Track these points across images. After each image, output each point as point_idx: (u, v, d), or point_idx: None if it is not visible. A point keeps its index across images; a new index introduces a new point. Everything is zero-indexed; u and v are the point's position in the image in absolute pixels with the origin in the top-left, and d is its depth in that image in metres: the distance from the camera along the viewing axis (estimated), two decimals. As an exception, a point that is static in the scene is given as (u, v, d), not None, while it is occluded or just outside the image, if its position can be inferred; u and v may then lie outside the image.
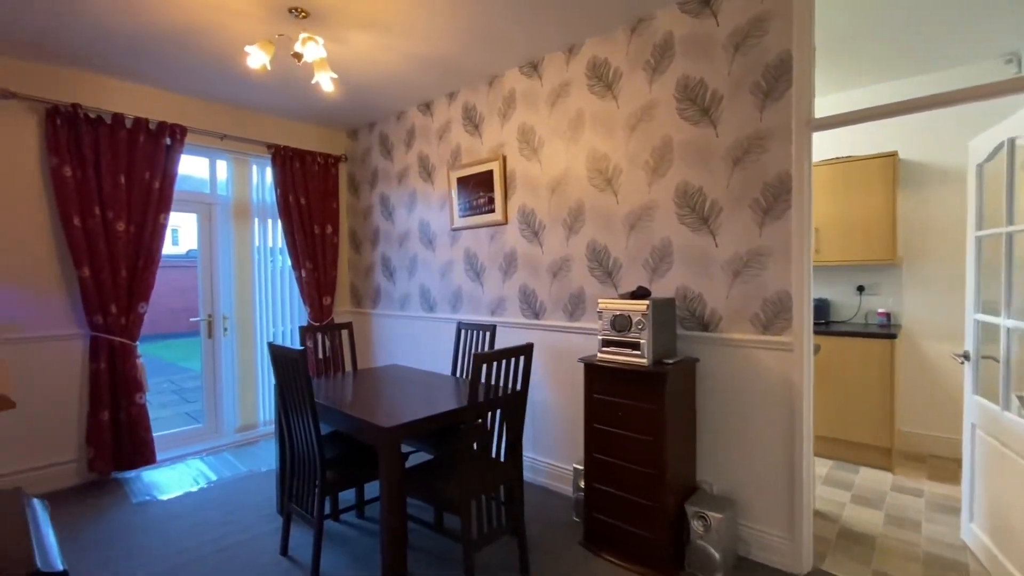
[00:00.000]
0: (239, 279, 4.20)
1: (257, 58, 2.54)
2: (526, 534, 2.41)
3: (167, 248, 3.47)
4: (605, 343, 2.43)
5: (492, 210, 3.48)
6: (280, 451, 2.72)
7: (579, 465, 2.74)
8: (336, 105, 4.02)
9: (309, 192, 4.36)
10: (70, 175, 3.16)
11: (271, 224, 4.37)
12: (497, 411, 2.22)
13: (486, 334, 3.08)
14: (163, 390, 7.13)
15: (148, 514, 2.91)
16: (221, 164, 4.11)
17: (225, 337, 4.14)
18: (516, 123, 3.32)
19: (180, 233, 16.56)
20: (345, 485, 2.32)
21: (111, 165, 3.31)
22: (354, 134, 4.71)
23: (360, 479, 2.37)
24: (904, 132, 3.74)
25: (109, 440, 3.30)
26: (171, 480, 3.40)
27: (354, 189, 4.78)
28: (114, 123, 3.33)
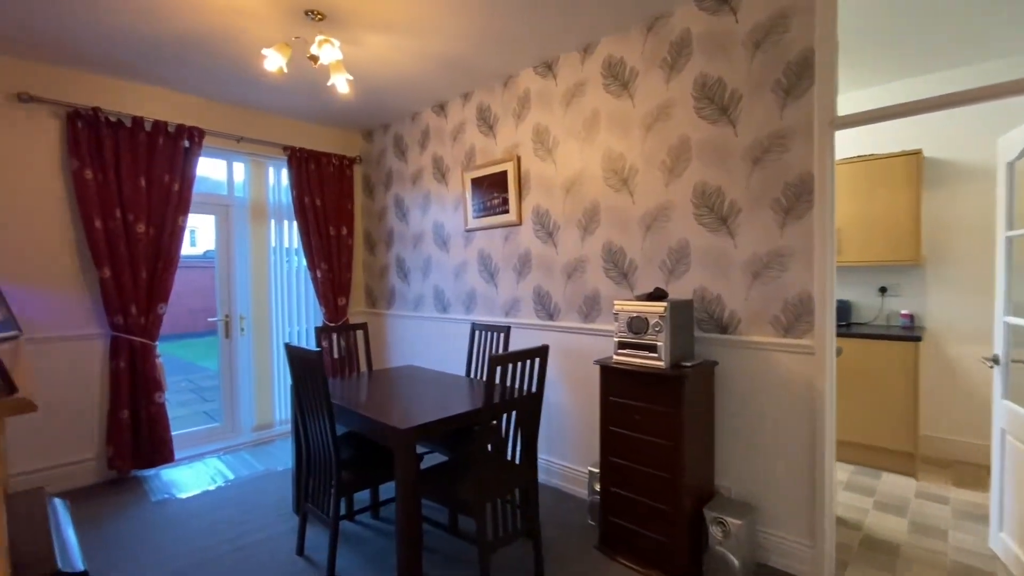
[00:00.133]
0: (255, 280, 4.24)
1: (274, 61, 2.56)
2: (541, 537, 2.39)
3: (185, 249, 3.51)
4: (621, 345, 2.40)
5: (506, 211, 3.46)
6: (296, 451, 2.74)
7: (594, 468, 2.71)
8: (351, 107, 4.04)
9: (324, 193, 4.38)
10: (91, 178, 3.22)
11: (287, 225, 4.41)
12: (512, 413, 2.21)
13: (500, 335, 3.06)
14: (181, 389, 7.23)
15: (167, 512, 2.95)
16: (238, 166, 4.16)
17: (242, 337, 4.18)
18: (531, 123, 3.30)
19: (197, 234, 16.80)
20: (360, 486, 2.32)
21: (131, 168, 3.36)
22: (369, 135, 4.73)
23: (375, 480, 2.37)
24: (928, 129, 3.65)
25: (129, 439, 3.35)
26: (189, 478, 3.44)
27: (369, 190, 4.80)
28: (134, 126, 3.38)
